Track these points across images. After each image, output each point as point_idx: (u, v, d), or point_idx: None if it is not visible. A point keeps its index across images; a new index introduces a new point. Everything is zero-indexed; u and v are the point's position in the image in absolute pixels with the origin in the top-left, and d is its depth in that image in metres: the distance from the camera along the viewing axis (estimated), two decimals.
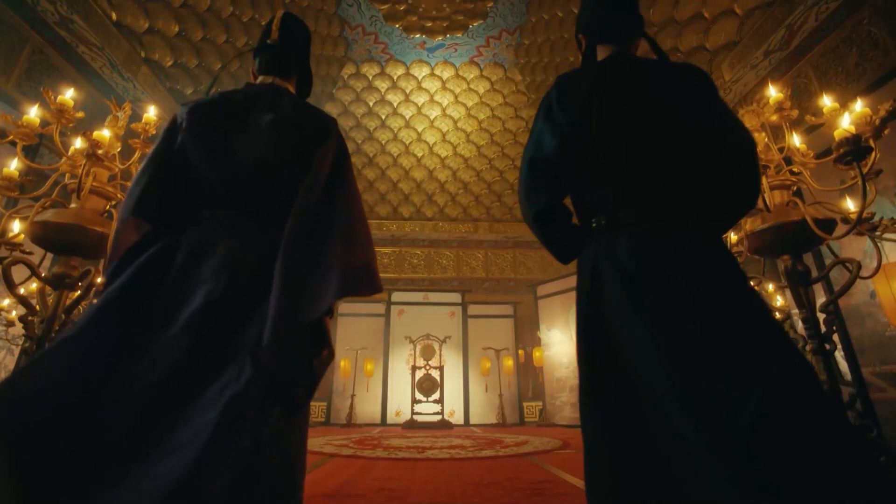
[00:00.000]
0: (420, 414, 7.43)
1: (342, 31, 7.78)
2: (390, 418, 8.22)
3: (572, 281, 8.69)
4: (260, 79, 1.37)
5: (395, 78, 8.98)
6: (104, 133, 1.66)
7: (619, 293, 1.00)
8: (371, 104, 9.26)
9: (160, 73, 6.15)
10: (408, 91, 9.16)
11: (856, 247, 3.71)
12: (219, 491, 0.80)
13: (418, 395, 7.59)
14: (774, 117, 1.78)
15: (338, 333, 9.49)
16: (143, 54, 5.79)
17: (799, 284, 1.70)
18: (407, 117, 9.50)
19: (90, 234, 1.71)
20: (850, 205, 1.80)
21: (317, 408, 7.84)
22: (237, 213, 1.15)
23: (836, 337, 1.63)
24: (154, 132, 1.97)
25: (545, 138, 1.14)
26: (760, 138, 1.92)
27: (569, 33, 7.34)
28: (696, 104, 1.11)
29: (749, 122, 1.98)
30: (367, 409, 8.21)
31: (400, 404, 7.86)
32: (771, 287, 2.30)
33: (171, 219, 1.17)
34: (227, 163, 1.16)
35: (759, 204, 1.78)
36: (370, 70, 8.87)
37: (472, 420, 8.19)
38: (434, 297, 9.54)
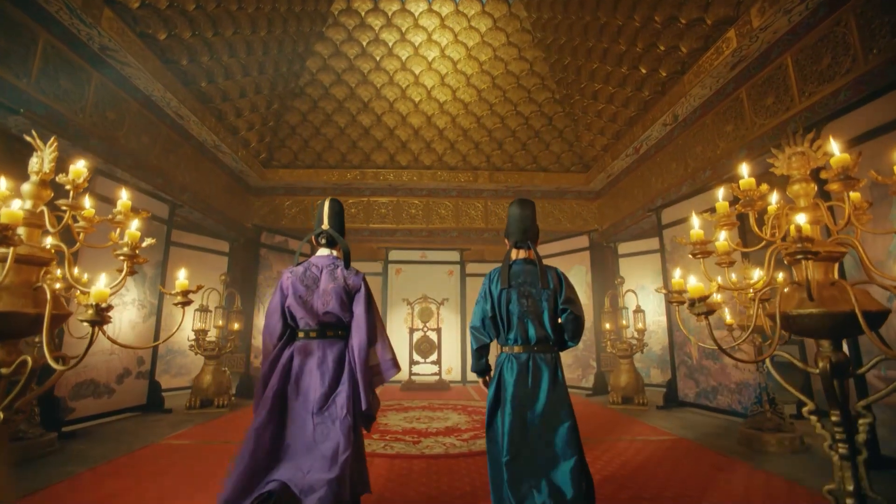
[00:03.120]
0: (418, 375, 7.56)
1: None
2: None
3: (572, 243, 8.48)
4: (320, 250, 2.48)
5: (389, 14, 8.15)
6: (15, 208, 1.36)
7: (508, 385, 2.18)
8: (364, 44, 8.49)
9: (127, 16, 5.48)
10: (403, 29, 8.35)
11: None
12: (346, 459, 2.03)
13: (416, 357, 7.65)
14: (836, 186, 1.44)
15: None
16: None
17: (834, 377, 1.49)
18: (403, 59, 8.75)
19: (21, 318, 1.48)
20: None
21: None
22: (318, 334, 2.30)
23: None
24: (86, 185, 1.65)
25: (485, 310, 2.34)
26: (809, 190, 1.61)
27: None
28: (554, 292, 2.26)
29: (797, 165, 1.65)
30: None
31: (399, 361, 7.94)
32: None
33: (286, 336, 2.34)
34: (310, 310, 2.29)
35: (800, 278, 1.53)
36: (362, 5, 8.02)
37: (470, 377, 8.34)
38: (432, 255, 9.35)
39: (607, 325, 6.34)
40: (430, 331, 7.80)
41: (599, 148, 9.19)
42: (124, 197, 1.80)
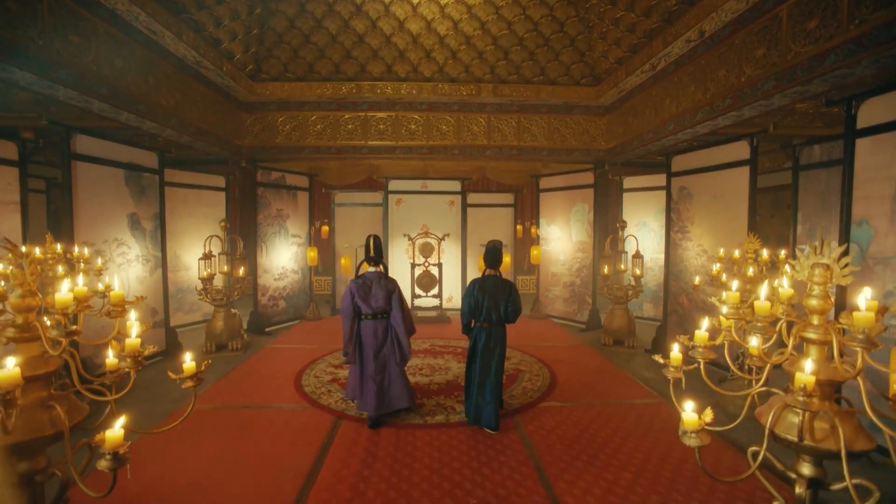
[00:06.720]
0: (420, 308, 7.87)
1: None
2: None
3: (576, 178, 8.19)
4: (371, 268, 4.35)
5: None
6: (10, 366, 1.33)
7: (480, 341, 4.23)
8: None
9: None
10: None
11: None
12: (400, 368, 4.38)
13: (418, 291, 7.89)
14: (853, 345, 1.37)
15: (336, 225, 9.36)
16: None
17: (809, 489, 1.59)
18: None
19: (40, 442, 1.53)
20: None
21: (323, 298, 8.10)
22: (373, 317, 4.23)
23: None
24: (73, 309, 1.58)
25: (469, 304, 4.24)
26: (826, 307, 1.54)
27: None
28: (506, 293, 4.20)
29: (818, 279, 1.56)
30: None
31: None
32: None
33: (356, 318, 4.25)
34: (369, 304, 4.20)
35: (803, 399, 1.55)
36: None
37: None
38: (433, 185, 9.10)
39: (605, 270, 6.45)
40: (432, 266, 7.94)
41: (613, 60, 8.44)
42: (116, 286, 1.74)
